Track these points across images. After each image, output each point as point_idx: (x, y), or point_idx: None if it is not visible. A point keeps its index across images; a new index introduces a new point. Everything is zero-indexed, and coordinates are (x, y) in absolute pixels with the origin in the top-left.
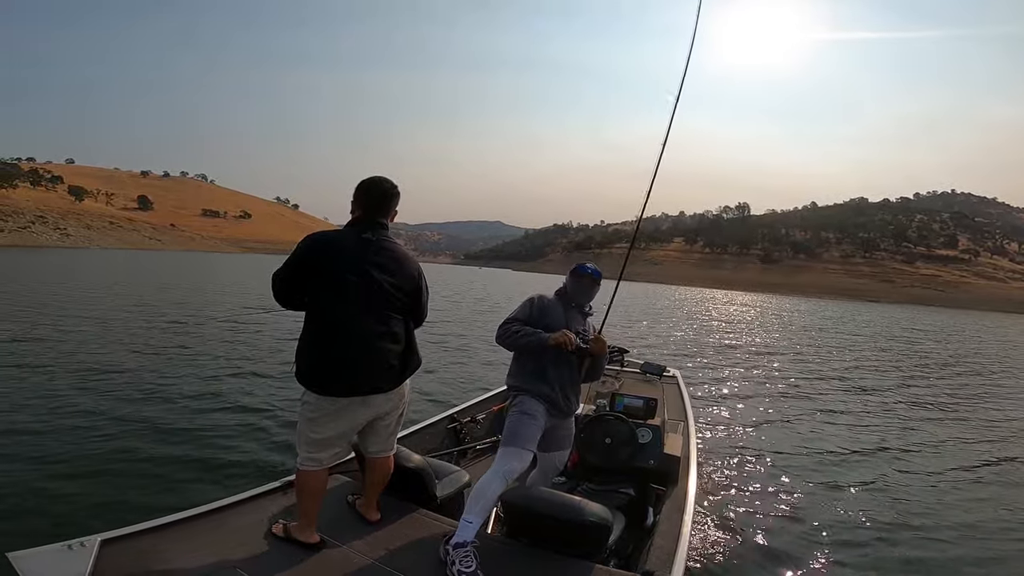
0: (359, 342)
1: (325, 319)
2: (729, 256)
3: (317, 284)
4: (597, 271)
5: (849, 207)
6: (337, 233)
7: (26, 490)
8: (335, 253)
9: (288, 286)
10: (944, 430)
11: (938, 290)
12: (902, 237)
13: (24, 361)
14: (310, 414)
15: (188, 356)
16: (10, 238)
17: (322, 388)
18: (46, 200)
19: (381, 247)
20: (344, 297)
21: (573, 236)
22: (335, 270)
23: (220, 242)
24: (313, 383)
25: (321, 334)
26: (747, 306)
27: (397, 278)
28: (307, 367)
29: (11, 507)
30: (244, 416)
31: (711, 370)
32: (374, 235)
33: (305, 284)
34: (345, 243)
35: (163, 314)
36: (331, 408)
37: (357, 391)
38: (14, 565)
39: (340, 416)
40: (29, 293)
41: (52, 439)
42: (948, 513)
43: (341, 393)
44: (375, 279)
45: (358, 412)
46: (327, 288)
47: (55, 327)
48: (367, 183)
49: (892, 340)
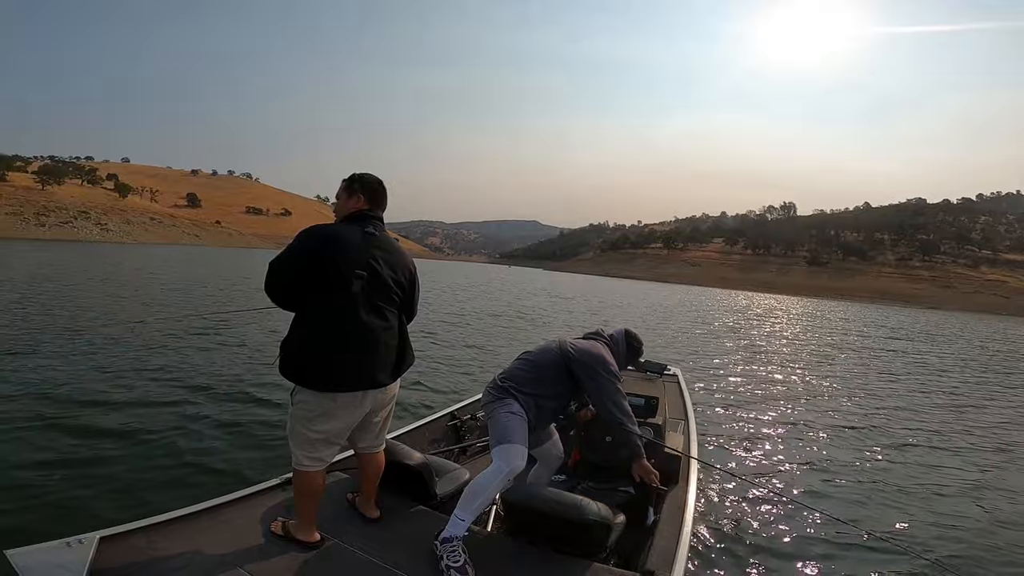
0: (363, 336)
1: (327, 312)
2: (773, 258)
3: (322, 279)
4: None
5: (906, 208)
6: (341, 227)
7: (24, 487)
8: (340, 246)
9: (290, 280)
10: (948, 428)
11: (1004, 297)
12: (965, 239)
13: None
14: (307, 413)
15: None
16: (52, 232)
17: (324, 385)
18: (90, 196)
19: (384, 241)
20: (348, 290)
21: (609, 236)
22: (342, 264)
23: (257, 238)
24: (312, 380)
25: (323, 329)
26: (780, 311)
27: (397, 273)
28: (305, 364)
29: (9, 505)
30: (242, 415)
31: (711, 370)
32: (376, 229)
33: (308, 279)
34: (351, 237)
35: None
36: (330, 405)
37: (359, 386)
38: (12, 563)
39: (339, 413)
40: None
41: (51, 436)
42: (950, 514)
43: (345, 388)
44: (379, 273)
45: (356, 408)
46: (333, 282)
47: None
48: (372, 178)
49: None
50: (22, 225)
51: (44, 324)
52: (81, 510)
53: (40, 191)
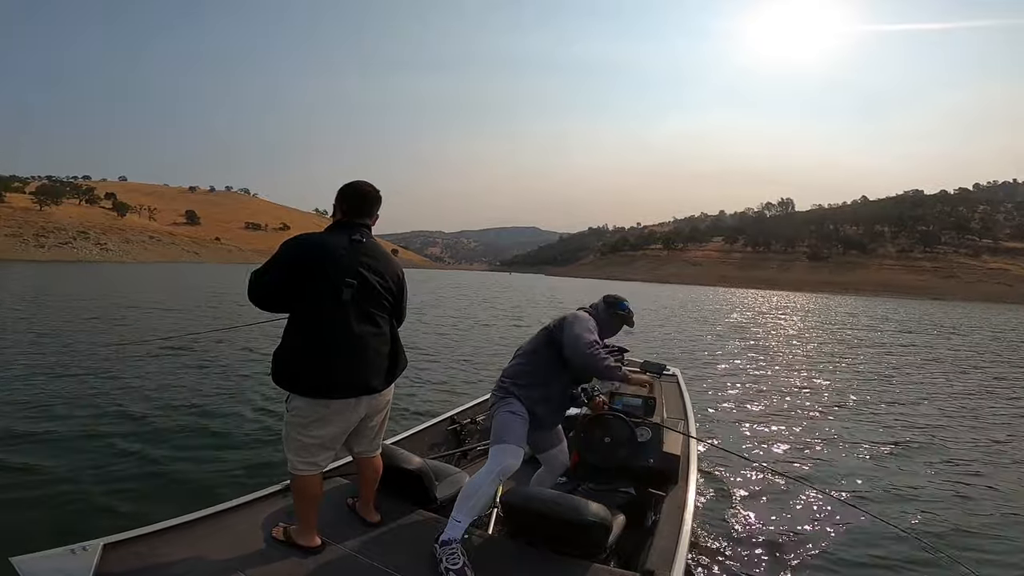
0: (353, 343)
1: (318, 321)
2: (773, 255)
3: (310, 286)
4: (632, 312)
5: (904, 200)
6: (327, 235)
7: (29, 494)
8: (329, 255)
9: (274, 289)
10: (951, 427)
11: (1008, 285)
12: (964, 229)
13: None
14: (301, 419)
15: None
16: (51, 253)
17: (315, 391)
18: (89, 216)
19: (371, 248)
20: (338, 299)
21: (608, 239)
22: (330, 272)
23: (256, 254)
24: (304, 387)
25: (313, 336)
26: (786, 308)
27: (385, 279)
28: (296, 371)
29: (13, 512)
30: (242, 419)
31: (711, 369)
32: (363, 236)
33: (294, 287)
34: (337, 245)
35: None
36: (323, 412)
37: (352, 392)
38: (17, 569)
39: (333, 419)
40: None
41: (53, 443)
42: (951, 513)
43: (336, 395)
44: (368, 280)
45: (351, 413)
46: (322, 290)
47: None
48: (352, 186)
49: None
50: (21, 246)
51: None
52: (84, 517)
53: (38, 212)
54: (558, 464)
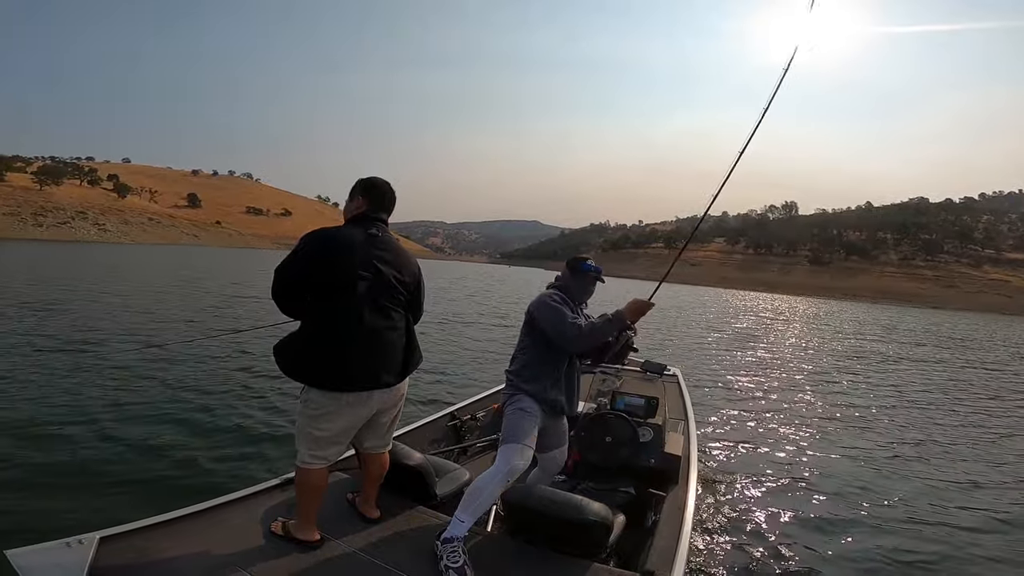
0: (368, 337)
1: (334, 314)
2: (775, 257)
3: (328, 281)
4: (599, 268)
5: (908, 207)
6: (345, 229)
7: (24, 488)
8: (347, 249)
9: (298, 289)
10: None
11: (1007, 296)
12: (968, 239)
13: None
14: (314, 411)
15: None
16: (50, 233)
17: (329, 384)
18: (89, 197)
19: (387, 242)
20: (355, 292)
21: (610, 235)
22: (348, 266)
23: (257, 238)
24: (318, 379)
25: (329, 330)
26: (780, 312)
27: (402, 273)
28: (311, 363)
29: (9, 505)
30: (243, 415)
31: (712, 370)
32: (379, 231)
33: (315, 281)
34: (355, 239)
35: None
36: (336, 405)
37: (366, 386)
38: (12, 563)
39: (345, 412)
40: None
41: (51, 437)
42: (954, 516)
43: (350, 388)
44: (384, 274)
45: (363, 408)
46: (339, 283)
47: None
48: (374, 181)
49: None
50: (19, 225)
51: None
52: (81, 510)
53: (38, 191)
54: (554, 466)
